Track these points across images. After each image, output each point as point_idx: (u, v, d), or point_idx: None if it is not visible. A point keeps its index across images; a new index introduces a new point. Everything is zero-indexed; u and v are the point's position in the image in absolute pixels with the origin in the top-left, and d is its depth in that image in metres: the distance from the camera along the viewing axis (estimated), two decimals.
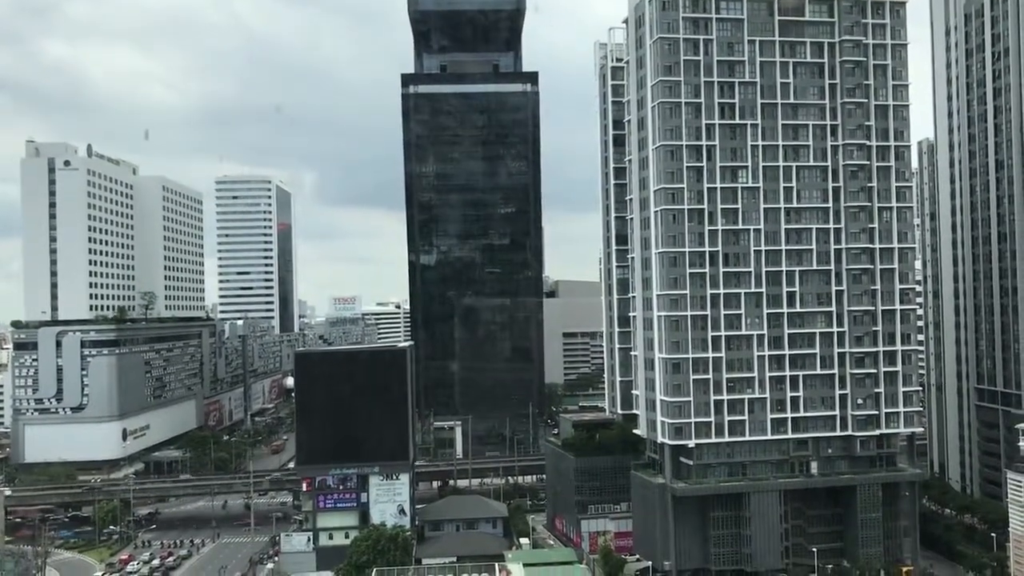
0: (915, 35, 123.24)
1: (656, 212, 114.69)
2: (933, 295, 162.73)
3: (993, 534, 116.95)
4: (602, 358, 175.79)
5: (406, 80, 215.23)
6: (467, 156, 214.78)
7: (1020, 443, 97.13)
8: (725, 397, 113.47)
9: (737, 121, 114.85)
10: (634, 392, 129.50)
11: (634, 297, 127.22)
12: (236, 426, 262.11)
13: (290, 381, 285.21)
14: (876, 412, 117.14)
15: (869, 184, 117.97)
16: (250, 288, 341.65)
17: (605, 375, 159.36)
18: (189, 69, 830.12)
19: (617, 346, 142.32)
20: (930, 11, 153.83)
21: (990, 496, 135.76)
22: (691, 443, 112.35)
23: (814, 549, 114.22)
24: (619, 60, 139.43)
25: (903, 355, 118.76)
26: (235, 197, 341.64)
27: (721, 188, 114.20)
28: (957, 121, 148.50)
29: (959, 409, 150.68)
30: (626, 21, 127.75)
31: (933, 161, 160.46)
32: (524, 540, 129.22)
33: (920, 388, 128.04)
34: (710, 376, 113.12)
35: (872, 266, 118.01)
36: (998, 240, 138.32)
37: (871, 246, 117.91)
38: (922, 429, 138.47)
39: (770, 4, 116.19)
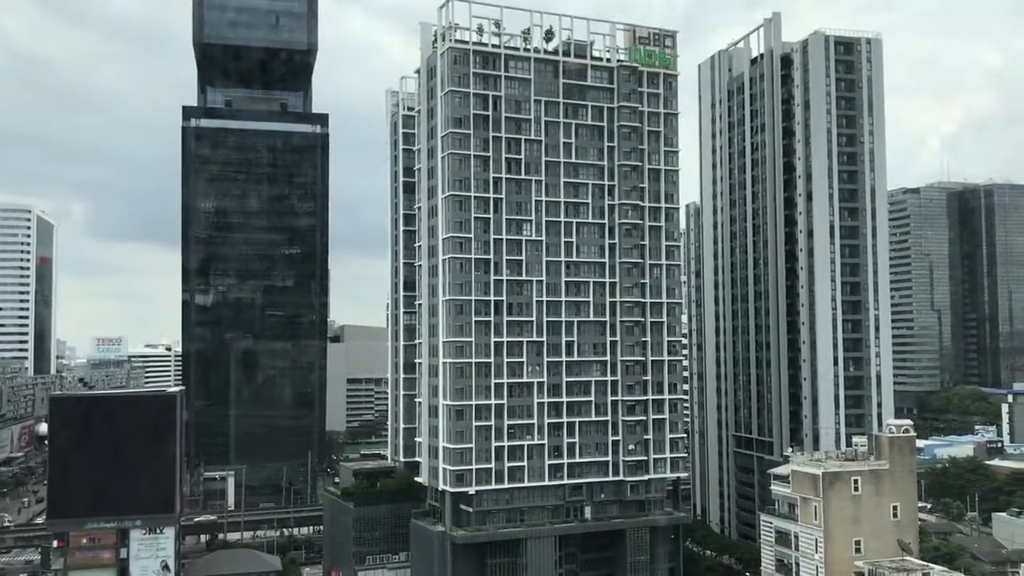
0: (686, 105, 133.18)
1: (444, 260, 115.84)
2: (697, 347, 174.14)
3: (748, 573, 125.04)
4: (386, 405, 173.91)
5: (187, 113, 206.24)
6: (250, 195, 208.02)
7: (772, 487, 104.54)
8: (506, 443, 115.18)
9: (523, 176, 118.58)
10: (417, 439, 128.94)
11: (420, 343, 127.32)
12: None
13: (44, 427, 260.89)
14: (645, 458, 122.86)
15: (642, 242, 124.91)
16: (1, 325, 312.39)
17: (389, 422, 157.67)
18: None
19: (402, 392, 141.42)
20: (698, 84, 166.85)
21: (745, 537, 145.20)
22: (472, 490, 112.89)
23: None
24: (411, 109, 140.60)
25: (670, 403, 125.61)
26: None
27: (507, 240, 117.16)
28: (721, 187, 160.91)
29: (719, 455, 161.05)
30: (418, 71, 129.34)
31: (699, 223, 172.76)
32: None
33: (685, 435, 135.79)
34: (492, 423, 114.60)
35: (643, 319, 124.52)
36: (754, 298, 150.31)
37: (642, 300, 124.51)
38: (687, 474, 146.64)
39: (555, 67, 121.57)
